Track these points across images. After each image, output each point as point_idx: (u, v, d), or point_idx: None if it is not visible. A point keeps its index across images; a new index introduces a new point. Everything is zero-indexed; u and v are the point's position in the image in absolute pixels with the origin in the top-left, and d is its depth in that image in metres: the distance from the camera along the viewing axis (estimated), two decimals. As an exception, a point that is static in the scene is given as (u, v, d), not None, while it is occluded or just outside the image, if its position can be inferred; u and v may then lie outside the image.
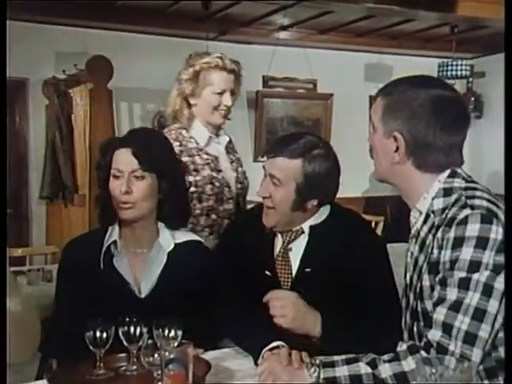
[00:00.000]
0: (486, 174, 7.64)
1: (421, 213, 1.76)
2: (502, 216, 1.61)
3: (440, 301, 1.60)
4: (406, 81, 1.79)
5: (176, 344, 1.66)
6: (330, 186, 2.26)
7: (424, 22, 6.80)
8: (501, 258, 1.57)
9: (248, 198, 3.02)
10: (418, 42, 7.60)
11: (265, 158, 2.28)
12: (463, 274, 1.57)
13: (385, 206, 7.21)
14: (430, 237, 1.69)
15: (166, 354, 1.48)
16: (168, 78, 6.74)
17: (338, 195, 2.31)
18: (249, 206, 2.90)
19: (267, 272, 2.28)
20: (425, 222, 1.74)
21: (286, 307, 2.05)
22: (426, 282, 1.68)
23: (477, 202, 1.64)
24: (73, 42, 6.18)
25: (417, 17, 6.36)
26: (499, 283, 1.56)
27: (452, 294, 1.58)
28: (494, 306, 1.55)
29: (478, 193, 1.68)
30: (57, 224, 6.06)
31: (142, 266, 2.17)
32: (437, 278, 1.63)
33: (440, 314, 1.58)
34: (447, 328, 1.56)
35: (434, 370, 1.26)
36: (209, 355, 1.96)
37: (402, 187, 1.80)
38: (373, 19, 6.60)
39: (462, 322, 1.55)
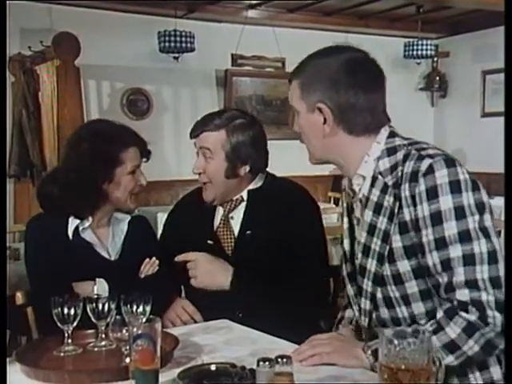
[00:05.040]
0: (450, 151, 7.65)
1: (364, 177, 1.74)
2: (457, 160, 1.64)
3: (447, 262, 1.57)
4: (314, 55, 1.80)
5: (144, 319, 1.68)
6: (257, 153, 2.40)
7: (390, 1, 6.84)
8: (478, 196, 1.59)
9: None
10: (384, 22, 7.65)
11: (194, 140, 2.42)
12: (455, 227, 1.56)
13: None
14: (388, 197, 1.67)
15: (134, 329, 1.49)
16: (136, 55, 6.73)
17: (305, 173, 2.38)
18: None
19: (209, 241, 2.43)
20: (372, 185, 1.72)
21: (195, 269, 2.29)
22: (398, 243, 1.65)
23: (431, 151, 1.65)
24: (38, 18, 6.10)
25: (384, -4, 6.41)
26: (488, 221, 1.58)
27: (456, 250, 1.56)
28: (496, 242, 1.57)
29: (424, 145, 1.70)
30: (25, 202, 6.01)
31: (106, 236, 2.40)
32: (424, 239, 1.60)
33: (459, 275, 1.55)
34: (472, 283, 1.54)
35: (396, 342, 1.29)
36: (177, 331, 1.99)
37: (339, 160, 1.79)
38: (341, -2, 6.64)
39: (483, 272, 1.54)
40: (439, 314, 1.59)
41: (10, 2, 5.90)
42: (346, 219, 1.88)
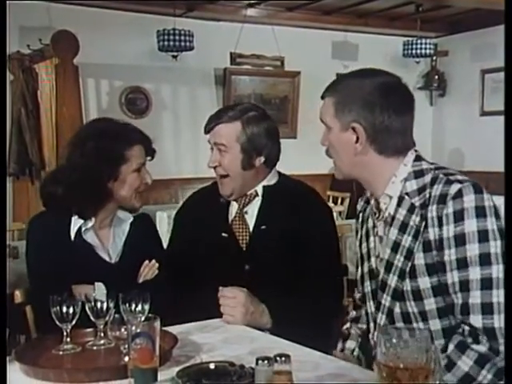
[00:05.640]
0: (448, 150, 7.75)
1: (391, 197, 1.79)
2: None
3: (465, 283, 1.62)
4: (348, 76, 1.87)
5: (143, 318, 1.68)
6: (272, 144, 2.42)
7: (389, 0, 6.85)
8: (501, 224, 1.64)
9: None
10: (383, 21, 7.65)
11: (208, 135, 2.42)
12: (477, 249, 1.62)
13: (351, 182, 7.28)
14: (415, 217, 1.72)
15: (133, 328, 1.50)
16: (135, 54, 6.73)
17: (305, 172, 2.37)
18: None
19: (224, 234, 2.42)
20: (399, 205, 1.77)
21: (235, 308, 2.13)
22: (420, 261, 1.70)
23: (459, 177, 1.70)
24: (37, 16, 6.10)
25: (383, -5, 6.42)
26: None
27: (476, 272, 1.61)
28: None
29: (451, 171, 1.76)
30: (23, 201, 6.02)
31: (107, 237, 2.38)
32: (446, 258, 1.65)
33: (475, 298, 1.60)
34: (487, 307, 1.59)
35: (394, 341, 1.29)
36: (175, 329, 1.99)
37: (366, 178, 1.84)
38: (340, -3, 6.64)
39: (499, 296, 1.58)
40: (450, 349, 1.62)
41: (9, 2, 5.88)
42: (371, 238, 1.92)
